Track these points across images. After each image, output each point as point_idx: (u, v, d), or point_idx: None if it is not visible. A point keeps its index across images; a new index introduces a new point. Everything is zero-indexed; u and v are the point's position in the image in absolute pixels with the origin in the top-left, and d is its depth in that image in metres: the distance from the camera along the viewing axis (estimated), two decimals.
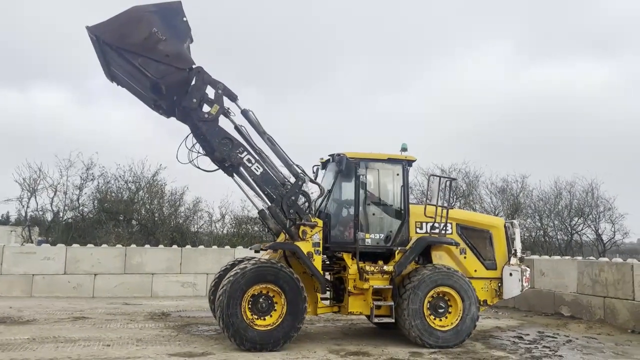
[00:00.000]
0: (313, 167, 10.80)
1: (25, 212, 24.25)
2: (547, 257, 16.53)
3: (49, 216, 24.69)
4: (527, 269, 10.36)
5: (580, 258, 14.99)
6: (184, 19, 8.82)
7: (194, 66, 9.09)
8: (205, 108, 9.25)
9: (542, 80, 66.39)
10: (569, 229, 27.42)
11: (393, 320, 9.32)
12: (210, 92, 9.30)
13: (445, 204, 10.06)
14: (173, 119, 9.64)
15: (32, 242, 22.21)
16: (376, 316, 9.35)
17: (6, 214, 37.72)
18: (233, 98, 9.48)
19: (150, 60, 8.69)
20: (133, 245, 17.79)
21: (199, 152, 9.54)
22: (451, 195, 12.18)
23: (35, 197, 24.04)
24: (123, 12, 8.52)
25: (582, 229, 27.42)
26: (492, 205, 27.71)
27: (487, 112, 61.29)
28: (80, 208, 24.75)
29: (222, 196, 29.55)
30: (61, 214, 24.41)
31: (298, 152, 9.71)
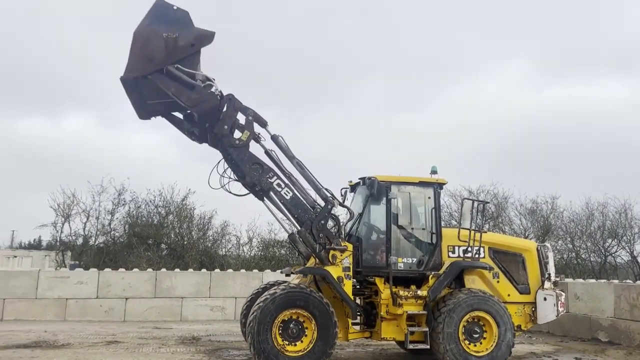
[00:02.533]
0: (341, 189, 10.82)
1: (59, 237, 24.75)
2: (581, 280, 16.13)
3: (80, 241, 25.14)
4: (562, 293, 10.15)
5: (616, 281, 14.61)
6: (175, 7, 8.86)
7: (225, 94, 9.29)
8: (236, 134, 9.42)
9: (563, 98, 65.63)
10: (603, 251, 26.69)
11: (428, 347, 9.18)
12: (240, 118, 9.49)
13: (477, 227, 9.96)
14: (205, 144, 9.81)
15: (65, 266, 22.63)
16: (410, 342, 9.22)
17: (39, 238, 38.63)
18: (263, 124, 9.63)
19: (183, 88, 8.93)
20: (163, 269, 18.00)
21: (230, 177, 9.68)
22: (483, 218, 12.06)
23: (69, 222, 24.55)
24: (132, 44, 8.74)
25: (616, 251, 26.64)
26: (522, 227, 27.19)
27: (509, 131, 60.72)
28: (112, 233, 25.18)
29: (250, 219, 29.75)
30: (93, 239, 24.85)
31: (317, 172, 9.75)
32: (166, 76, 8.85)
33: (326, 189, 9.66)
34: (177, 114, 9.67)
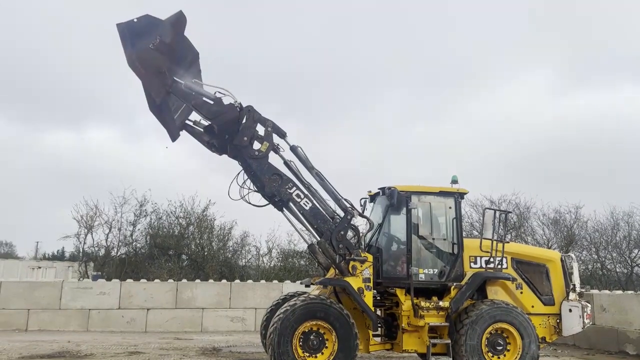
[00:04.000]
0: (361, 200, 10.79)
1: (82, 248, 25.11)
2: (607, 291, 15.78)
3: (102, 252, 25.47)
4: (588, 304, 9.93)
5: None
6: (135, 19, 8.58)
7: (244, 105, 9.37)
8: (256, 145, 9.47)
9: (587, 107, 64.65)
10: (629, 261, 26.10)
11: (451, 359, 9.04)
12: (260, 129, 9.54)
13: (499, 238, 9.82)
14: (225, 155, 9.89)
15: (88, 277, 22.93)
16: (432, 354, 9.09)
17: (62, 249, 39.20)
18: (282, 135, 9.67)
19: (203, 102, 9.04)
20: (184, 280, 18.10)
21: (249, 189, 9.71)
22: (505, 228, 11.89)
23: (92, 234, 24.91)
24: (136, 74, 8.72)
25: None
26: (544, 237, 26.77)
27: (532, 141, 59.89)
28: (134, 244, 25.46)
29: (269, 230, 29.83)
30: (115, 250, 25.15)
31: (336, 185, 9.75)
32: (186, 89, 8.97)
33: (345, 200, 9.64)
34: (197, 127, 9.77)
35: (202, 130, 9.76)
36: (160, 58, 8.67)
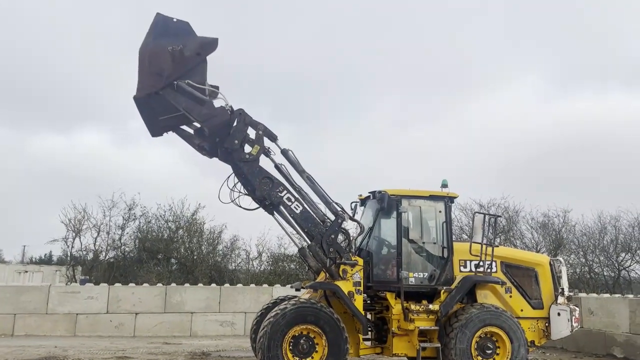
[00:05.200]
0: (351, 203, 10.80)
1: (70, 252, 24.89)
2: (595, 295, 15.92)
3: (90, 256, 25.26)
4: (577, 308, 10.01)
5: (631, 296, 14.39)
6: (175, 20, 8.93)
7: (235, 108, 9.35)
8: (247, 148, 9.45)
9: (575, 113, 65.24)
10: (616, 265, 26.35)
11: None
12: (251, 132, 9.53)
13: (489, 242, 9.87)
14: (215, 159, 9.85)
15: (76, 281, 22.71)
16: (422, 358, 9.09)
17: (49, 253, 38.82)
18: (273, 138, 9.66)
19: (194, 104, 9.00)
20: (173, 284, 17.97)
21: (240, 192, 9.68)
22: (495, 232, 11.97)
23: (80, 237, 24.70)
24: (139, 62, 8.84)
25: (630, 265, 26.30)
26: (533, 241, 26.95)
27: (522, 145, 60.38)
28: (122, 247, 25.28)
29: (259, 233, 29.77)
30: (103, 254, 24.95)
31: (329, 187, 9.76)
32: (177, 92, 8.93)
33: (336, 203, 9.65)
34: (187, 128, 9.73)
35: (192, 132, 9.71)
36: (169, 63, 8.74)
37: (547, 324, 9.98)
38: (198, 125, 9.47)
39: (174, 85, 8.87)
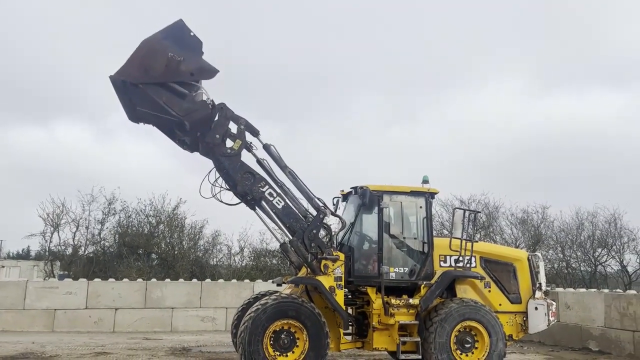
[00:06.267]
0: (333, 199, 10.80)
1: (48, 247, 24.53)
2: (572, 290, 16.19)
3: (69, 251, 24.94)
4: (553, 302, 10.19)
5: (607, 291, 14.67)
6: (191, 34, 8.97)
7: (217, 103, 9.29)
8: (228, 143, 9.40)
9: (556, 111, 66.17)
10: (593, 260, 26.88)
11: (420, 357, 9.14)
12: (232, 127, 9.48)
13: (469, 237, 9.98)
14: (196, 153, 9.78)
15: (54, 276, 22.40)
16: (402, 352, 9.17)
17: (27, 248, 38.25)
18: (255, 133, 9.63)
19: (174, 97, 8.92)
20: (153, 280, 17.85)
21: (221, 187, 9.64)
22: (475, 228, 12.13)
23: (58, 232, 24.34)
24: (136, 50, 8.75)
25: (606, 260, 26.88)
26: (512, 237, 27.37)
27: (501, 143, 61.11)
28: (102, 242, 25.00)
29: (241, 229, 29.65)
30: (82, 249, 24.65)
31: (311, 184, 9.77)
32: (158, 85, 8.84)
33: (318, 199, 9.65)
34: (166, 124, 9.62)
35: (172, 127, 9.59)
36: (162, 67, 8.69)
37: (524, 318, 10.12)
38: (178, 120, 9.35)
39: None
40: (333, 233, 9.79)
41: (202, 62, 9.09)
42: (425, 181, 10.26)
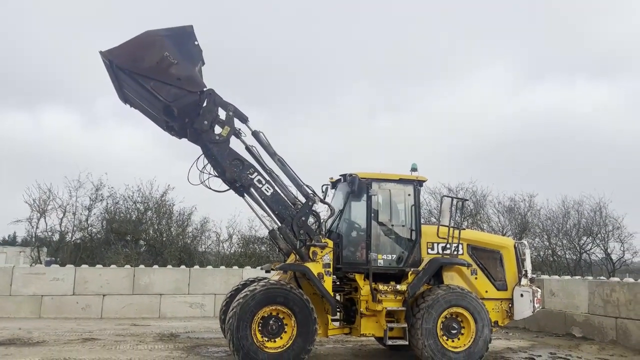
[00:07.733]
0: (322, 186, 10.81)
1: (35, 233, 24.31)
2: (557, 277, 16.42)
3: (56, 237, 24.75)
4: (539, 289, 10.31)
5: (590, 278, 14.90)
6: (196, 42, 8.94)
7: (205, 89, 9.22)
8: (217, 130, 9.34)
9: (543, 101, 66.65)
10: (578, 248, 27.23)
11: (407, 343, 9.24)
12: (221, 113, 9.41)
13: (456, 225, 10.06)
14: (184, 140, 9.73)
15: (41, 262, 22.24)
16: (389, 338, 9.27)
17: (13, 234, 37.90)
18: (244, 119, 9.58)
19: (162, 84, 8.82)
20: (141, 266, 17.78)
21: (210, 173, 9.59)
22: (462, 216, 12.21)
23: (45, 218, 24.12)
24: (136, 37, 8.65)
25: (590, 248, 27.24)
26: (499, 225, 27.61)
27: (489, 132, 61.51)
28: (89, 229, 24.83)
29: (230, 216, 29.61)
30: (70, 235, 24.47)
31: (300, 173, 9.76)
32: (144, 76, 8.76)
33: (307, 186, 9.65)
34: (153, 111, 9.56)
35: (161, 112, 9.52)
36: (153, 62, 8.61)
37: (510, 305, 10.25)
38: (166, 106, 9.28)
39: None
40: (322, 220, 9.81)
41: (194, 73, 9.05)
42: (413, 169, 10.30)
